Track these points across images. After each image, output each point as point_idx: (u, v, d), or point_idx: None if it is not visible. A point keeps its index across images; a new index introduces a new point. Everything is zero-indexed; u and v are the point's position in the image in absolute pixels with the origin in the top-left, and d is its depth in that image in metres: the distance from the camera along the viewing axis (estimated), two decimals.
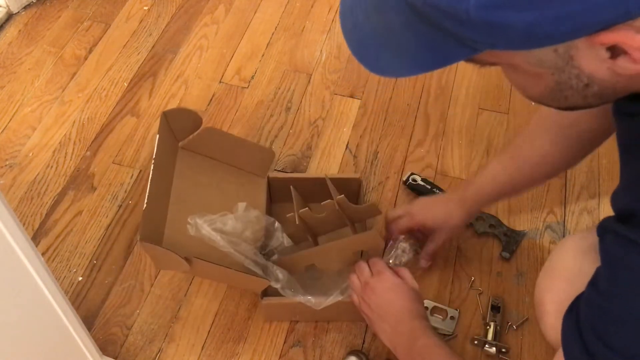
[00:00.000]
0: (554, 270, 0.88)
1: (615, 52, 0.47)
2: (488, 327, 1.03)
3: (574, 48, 0.47)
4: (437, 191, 1.19)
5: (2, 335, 0.66)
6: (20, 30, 1.50)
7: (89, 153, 1.28)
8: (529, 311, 1.06)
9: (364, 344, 1.04)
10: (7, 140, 1.30)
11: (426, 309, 1.05)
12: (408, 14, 0.48)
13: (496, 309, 1.05)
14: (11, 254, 0.62)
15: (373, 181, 1.24)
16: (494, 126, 1.33)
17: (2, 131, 1.31)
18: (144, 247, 0.88)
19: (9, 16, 1.52)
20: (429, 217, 1.03)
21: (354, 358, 1.00)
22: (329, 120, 1.34)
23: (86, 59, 1.45)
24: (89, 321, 1.05)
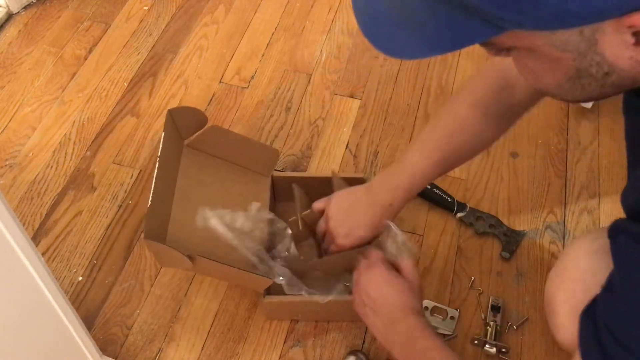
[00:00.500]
0: (565, 271, 0.86)
1: None
2: (488, 327, 1.03)
3: (600, 31, 0.47)
4: (437, 191, 1.19)
5: (2, 335, 0.66)
6: (20, 30, 1.50)
7: (89, 153, 1.28)
8: (529, 311, 1.06)
9: (364, 344, 1.04)
10: (7, 140, 1.30)
11: (426, 309, 1.05)
12: None
13: (496, 309, 1.05)
14: (11, 254, 0.62)
15: None
16: None
17: (2, 131, 1.31)
18: (147, 244, 0.88)
19: (9, 16, 1.52)
20: (336, 221, 0.97)
21: (354, 358, 1.00)
22: (329, 120, 1.34)
23: (86, 59, 1.45)
24: (89, 321, 1.05)
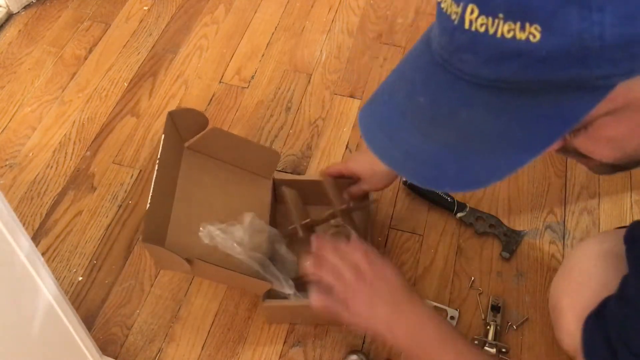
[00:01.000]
0: (571, 274, 0.84)
1: None
2: (488, 327, 1.03)
3: None
4: (437, 191, 1.19)
5: (2, 335, 0.66)
6: (20, 30, 1.50)
7: (89, 153, 1.28)
8: (529, 311, 1.06)
9: (364, 344, 1.04)
10: (7, 140, 1.30)
11: None
12: (488, 98, 0.41)
13: (496, 309, 1.05)
14: (11, 254, 0.62)
15: None
16: None
17: (2, 131, 1.31)
18: (146, 247, 0.88)
19: (9, 16, 1.52)
20: (356, 163, 1.02)
21: (354, 358, 1.00)
22: (329, 120, 1.34)
23: (86, 59, 1.45)
24: (89, 321, 1.05)
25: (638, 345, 0.56)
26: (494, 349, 1.01)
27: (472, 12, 0.40)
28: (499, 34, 0.39)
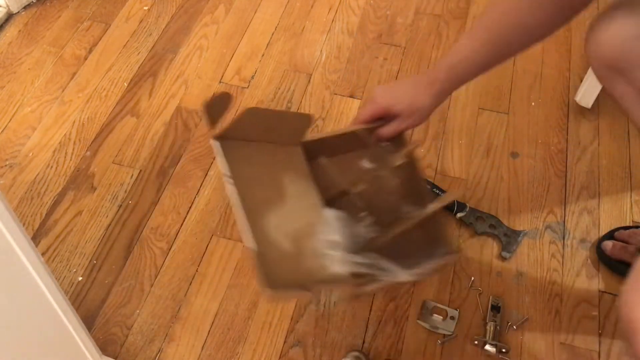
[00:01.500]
0: None
1: None
2: (488, 327, 1.03)
3: None
4: (437, 191, 1.19)
5: (2, 335, 0.66)
6: (20, 30, 1.50)
7: (89, 153, 1.28)
8: (529, 311, 1.07)
9: (364, 344, 1.04)
10: (7, 140, 1.30)
11: (426, 309, 1.05)
12: None
13: (496, 309, 1.05)
14: (11, 254, 0.62)
15: None
16: (494, 126, 1.33)
17: (2, 131, 1.31)
18: (271, 293, 0.73)
19: (9, 16, 1.53)
20: (393, 100, 0.90)
21: (354, 358, 1.00)
22: (329, 120, 1.34)
23: (86, 59, 1.45)
24: (89, 321, 1.05)
25: None
26: (494, 349, 1.01)
27: None
28: None
